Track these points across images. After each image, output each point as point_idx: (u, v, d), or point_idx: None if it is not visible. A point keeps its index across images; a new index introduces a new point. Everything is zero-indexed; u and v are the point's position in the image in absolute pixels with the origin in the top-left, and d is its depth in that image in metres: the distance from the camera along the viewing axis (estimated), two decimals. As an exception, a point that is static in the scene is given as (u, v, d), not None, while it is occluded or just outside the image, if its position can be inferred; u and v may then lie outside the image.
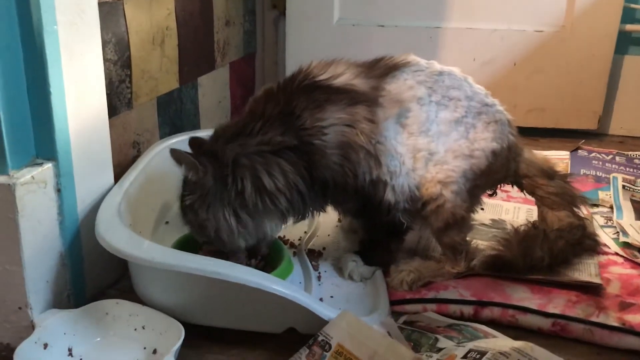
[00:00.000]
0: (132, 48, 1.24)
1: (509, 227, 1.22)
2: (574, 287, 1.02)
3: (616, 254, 1.16)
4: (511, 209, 1.34)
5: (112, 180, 1.06)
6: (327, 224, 1.26)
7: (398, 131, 0.99)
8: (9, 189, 0.82)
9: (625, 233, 1.21)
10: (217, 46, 1.68)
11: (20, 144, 0.86)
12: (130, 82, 1.25)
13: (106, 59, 1.14)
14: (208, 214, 0.95)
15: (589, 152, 1.70)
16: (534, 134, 1.89)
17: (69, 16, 0.89)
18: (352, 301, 1.01)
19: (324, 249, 1.17)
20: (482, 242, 1.14)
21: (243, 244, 0.98)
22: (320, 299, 0.99)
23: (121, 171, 1.12)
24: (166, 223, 1.22)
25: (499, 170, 1.06)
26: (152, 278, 0.92)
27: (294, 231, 1.20)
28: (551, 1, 1.86)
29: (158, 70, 1.37)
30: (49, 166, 0.89)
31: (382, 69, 1.03)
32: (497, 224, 1.27)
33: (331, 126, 0.95)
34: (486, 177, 1.04)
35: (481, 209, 1.12)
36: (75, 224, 0.95)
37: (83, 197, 0.97)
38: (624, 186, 1.42)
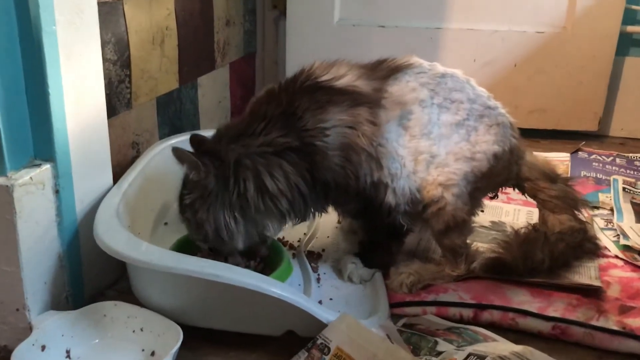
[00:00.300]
0: (132, 48, 1.24)
1: (509, 229, 1.22)
2: (574, 290, 1.02)
3: (616, 256, 1.15)
4: (511, 211, 1.34)
5: (111, 181, 1.05)
6: (327, 225, 1.25)
7: (400, 133, 0.99)
8: (7, 190, 0.82)
9: (625, 236, 1.21)
10: (217, 46, 1.68)
11: (19, 144, 0.86)
12: (129, 82, 1.24)
13: (105, 59, 1.13)
14: (208, 214, 0.94)
15: (590, 154, 1.69)
16: (534, 135, 1.89)
17: (67, 16, 0.89)
18: (352, 303, 1.00)
19: (323, 250, 1.17)
20: (482, 244, 1.14)
21: (242, 245, 0.98)
22: (320, 301, 0.99)
23: (120, 171, 1.12)
24: (165, 224, 1.21)
25: (500, 173, 1.06)
26: (150, 280, 0.91)
27: (294, 233, 1.19)
28: (552, 2, 1.86)
29: (158, 71, 1.36)
30: (47, 167, 0.88)
31: (384, 71, 1.03)
32: (497, 226, 1.27)
33: (333, 127, 0.95)
34: (487, 180, 1.04)
35: (481, 211, 1.11)
36: (73, 225, 0.95)
37: (81, 198, 0.96)
38: (624, 188, 1.42)
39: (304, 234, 1.22)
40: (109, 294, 1.04)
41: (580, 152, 1.71)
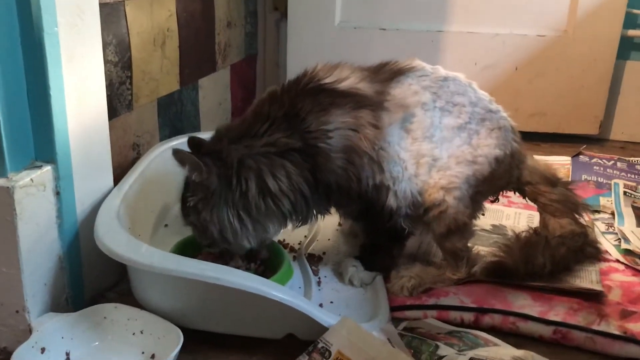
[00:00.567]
0: (133, 49, 1.24)
1: (509, 232, 1.22)
2: (575, 294, 1.01)
3: (617, 261, 1.15)
4: (512, 215, 1.34)
5: (111, 183, 1.05)
6: (327, 228, 1.25)
7: (402, 136, 0.99)
8: (8, 192, 0.82)
9: (626, 240, 1.21)
10: (218, 48, 1.68)
11: (20, 146, 0.86)
12: (130, 83, 1.24)
13: (107, 61, 1.13)
14: (212, 215, 0.94)
15: (590, 158, 1.69)
16: (535, 138, 1.89)
17: (69, 18, 0.88)
18: (352, 307, 1.00)
19: (324, 253, 1.16)
20: (483, 248, 1.14)
21: (248, 245, 0.98)
22: (320, 305, 0.99)
23: (121, 173, 1.12)
24: (165, 226, 1.21)
25: (501, 177, 1.06)
26: (151, 282, 0.91)
27: (294, 235, 1.19)
28: (553, 6, 1.86)
29: (159, 72, 1.36)
30: (48, 169, 0.88)
31: (387, 74, 1.02)
32: (498, 229, 1.27)
33: (336, 130, 0.95)
34: (489, 184, 1.04)
35: (482, 214, 1.11)
36: (74, 227, 0.95)
37: (82, 200, 0.96)
38: (625, 192, 1.42)
39: (305, 236, 1.22)
40: (109, 296, 1.04)
41: (581, 156, 1.71)
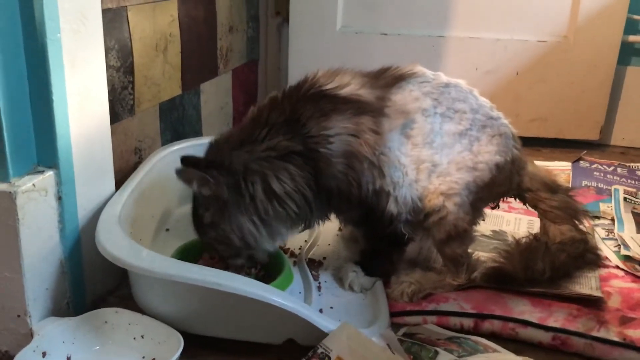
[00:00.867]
0: (135, 54, 1.24)
1: (510, 238, 1.22)
2: (574, 300, 1.02)
3: (617, 267, 1.15)
4: (512, 220, 1.34)
5: (113, 188, 1.05)
6: (328, 233, 1.25)
7: (402, 142, 0.99)
8: (10, 197, 0.82)
9: (626, 246, 1.21)
10: (220, 53, 1.68)
11: (22, 151, 0.86)
12: (132, 88, 1.25)
13: (109, 66, 1.14)
14: (231, 225, 0.95)
15: (591, 163, 1.70)
16: (535, 143, 1.89)
17: (72, 23, 0.89)
18: (352, 312, 1.00)
19: (324, 258, 1.17)
20: (483, 253, 1.14)
21: (270, 248, 0.99)
22: (320, 310, 0.99)
23: (122, 177, 1.12)
24: (166, 230, 1.22)
25: (502, 184, 1.06)
26: (151, 287, 0.91)
27: (295, 240, 1.19)
28: (554, 11, 1.86)
29: (161, 77, 1.36)
30: (50, 174, 0.88)
31: (388, 79, 1.03)
32: (498, 235, 1.27)
33: (337, 135, 0.96)
34: (489, 190, 1.04)
35: (482, 220, 1.11)
36: (75, 232, 0.95)
37: (84, 205, 0.96)
38: (625, 198, 1.42)
39: (305, 241, 1.22)
40: (110, 300, 1.04)
41: (582, 162, 1.71)
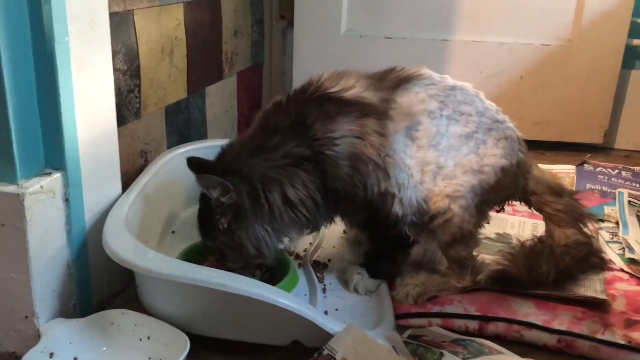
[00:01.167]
0: (142, 58, 1.25)
1: (514, 241, 1.23)
2: (579, 303, 1.02)
3: (621, 270, 1.15)
4: (516, 223, 1.34)
5: (119, 190, 1.06)
6: (332, 235, 1.26)
7: (407, 144, 1.00)
8: (18, 199, 0.83)
9: (631, 249, 1.21)
10: (225, 56, 1.69)
11: (30, 153, 0.87)
12: (139, 91, 1.26)
13: (115, 69, 1.14)
14: (248, 233, 0.95)
15: (595, 167, 1.70)
16: (539, 147, 1.89)
17: (80, 27, 0.90)
18: (357, 314, 1.01)
19: (329, 260, 1.17)
20: (487, 256, 1.14)
21: (275, 256, 1.00)
22: (325, 312, 0.99)
23: (128, 180, 1.13)
24: (172, 232, 1.22)
25: (507, 187, 1.06)
26: (158, 288, 0.92)
27: (300, 243, 1.19)
28: (558, 15, 1.87)
29: (166, 80, 1.37)
30: (57, 176, 0.89)
31: (393, 81, 1.03)
32: (502, 237, 1.27)
33: (342, 137, 0.96)
34: (494, 193, 1.04)
35: (487, 223, 1.11)
36: (82, 234, 0.96)
37: (90, 207, 0.97)
38: (629, 201, 1.42)
39: (310, 243, 1.22)
40: (116, 302, 1.04)
41: (586, 165, 1.71)
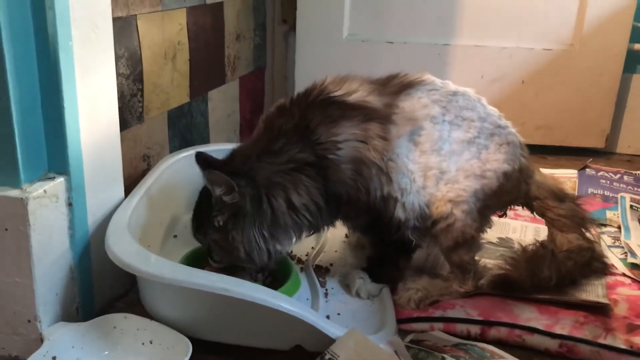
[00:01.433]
0: (145, 62, 1.26)
1: (516, 245, 1.23)
2: (581, 307, 1.02)
3: (623, 274, 1.15)
4: (519, 228, 1.34)
5: (122, 194, 1.06)
6: (335, 239, 1.26)
7: (410, 149, 1.00)
8: (22, 203, 0.83)
9: (633, 254, 1.21)
10: (227, 60, 1.70)
11: (33, 158, 0.87)
12: (141, 96, 1.26)
13: (119, 73, 1.15)
14: (242, 235, 0.95)
15: (597, 171, 1.69)
16: (541, 151, 1.89)
17: (83, 32, 0.90)
18: (359, 319, 1.00)
19: (331, 265, 1.17)
20: (489, 260, 1.14)
21: (267, 261, 0.99)
22: (327, 316, 0.99)
23: (131, 184, 1.13)
24: (174, 237, 1.22)
25: (509, 192, 1.06)
26: (160, 293, 0.92)
27: (301, 246, 1.20)
28: (560, 20, 1.87)
29: (169, 85, 1.38)
30: (60, 180, 0.89)
31: (396, 86, 1.04)
32: (504, 242, 1.27)
33: (345, 141, 0.96)
34: (497, 198, 1.04)
35: (489, 228, 1.12)
36: (85, 238, 0.96)
37: (93, 211, 0.97)
38: (631, 206, 1.42)
39: (312, 247, 1.22)
40: (118, 306, 1.05)
41: (588, 169, 1.71)
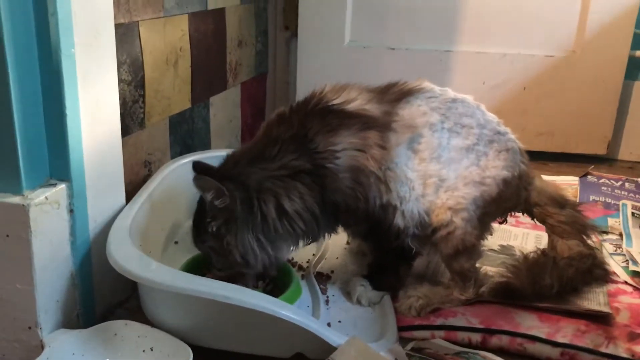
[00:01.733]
0: (146, 68, 1.26)
1: (517, 253, 1.22)
2: (583, 316, 1.01)
3: (625, 282, 1.15)
4: (520, 235, 1.34)
5: (123, 200, 1.06)
6: (336, 246, 1.26)
7: (409, 157, 1.00)
8: (24, 210, 0.83)
9: (634, 261, 1.20)
10: (229, 66, 1.70)
11: (35, 164, 0.87)
12: (143, 102, 1.26)
13: (120, 80, 1.15)
14: (236, 240, 0.95)
15: (598, 178, 1.69)
16: (542, 158, 1.89)
17: (86, 38, 0.90)
18: (360, 326, 1.00)
19: (332, 272, 1.17)
20: (490, 268, 1.14)
21: (261, 268, 0.99)
22: (328, 324, 0.99)
23: (132, 190, 1.13)
24: (175, 243, 1.22)
25: (509, 199, 1.06)
26: (161, 300, 0.92)
27: (302, 253, 1.20)
28: (561, 26, 1.87)
29: (171, 91, 1.38)
30: (62, 187, 0.89)
31: (395, 94, 1.04)
32: (505, 249, 1.27)
33: (343, 150, 0.96)
34: (497, 205, 1.04)
35: (490, 235, 1.11)
36: (86, 244, 0.96)
37: (95, 217, 0.97)
38: (633, 214, 1.42)
39: (313, 254, 1.22)
40: (119, 312, 1.05)
41: (589, 176, 1.71)
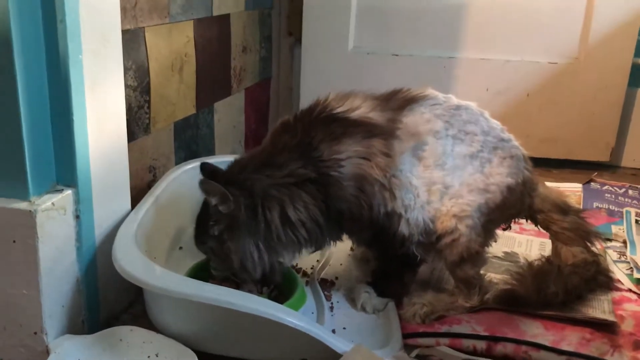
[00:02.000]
0: (152, 74, 1.26)
1: (522, 260, 1.22)
2: (588, 324, 1.01)
3: (630, 290, 1.15)
4: (524, 242, 1.34)
5: (129, 206, 1.06)
6: (340, 253, 1.26)
7: (414, 164, 1.00)
8: (30, 215, 0.83)
9: (639, 269, 1.20)
10: (233, 72, 1.70)
11: (42, 170, 0.88)
12: (148, 107, 1.27)
13: (126, 85, 1.16)
14: (237, 245, 0.95)
15: (602, 185, 1.69)
16: (546, 164, 1.89)
17: (93, 45, 0.91)
18: (365, 333, 1.00)
19: (336, 278, 1.17)
20: (495, 275, 1.14)
21: (260, 275, 0.99)
22: (333, 330, 0.99)
23: (137, 195, 1.13)
24: (180, 248, 1.23)
25: (513, 205, 1.06)
26: (166, 305, 0.92)
27: (307, 260, 1.20)
28: (565, 33, 1.88)
29: (176, 96, 1.38)
30: (68, 193, 0.90)
31: (399, 102, 1.04)
32: (509, 256, 1.27)
33: (348, 158, 0.96)
34: (501, 212, 1.04)
35: (494, 242, 1.12)
36: (92, 250, 0.96)
37: (100, 223, 0.98)
38: (637, 221, 1.42)
39: (317, 261, 1.23)
40: (123, 318, 1.05)
41: (593, 183, 1.71)
